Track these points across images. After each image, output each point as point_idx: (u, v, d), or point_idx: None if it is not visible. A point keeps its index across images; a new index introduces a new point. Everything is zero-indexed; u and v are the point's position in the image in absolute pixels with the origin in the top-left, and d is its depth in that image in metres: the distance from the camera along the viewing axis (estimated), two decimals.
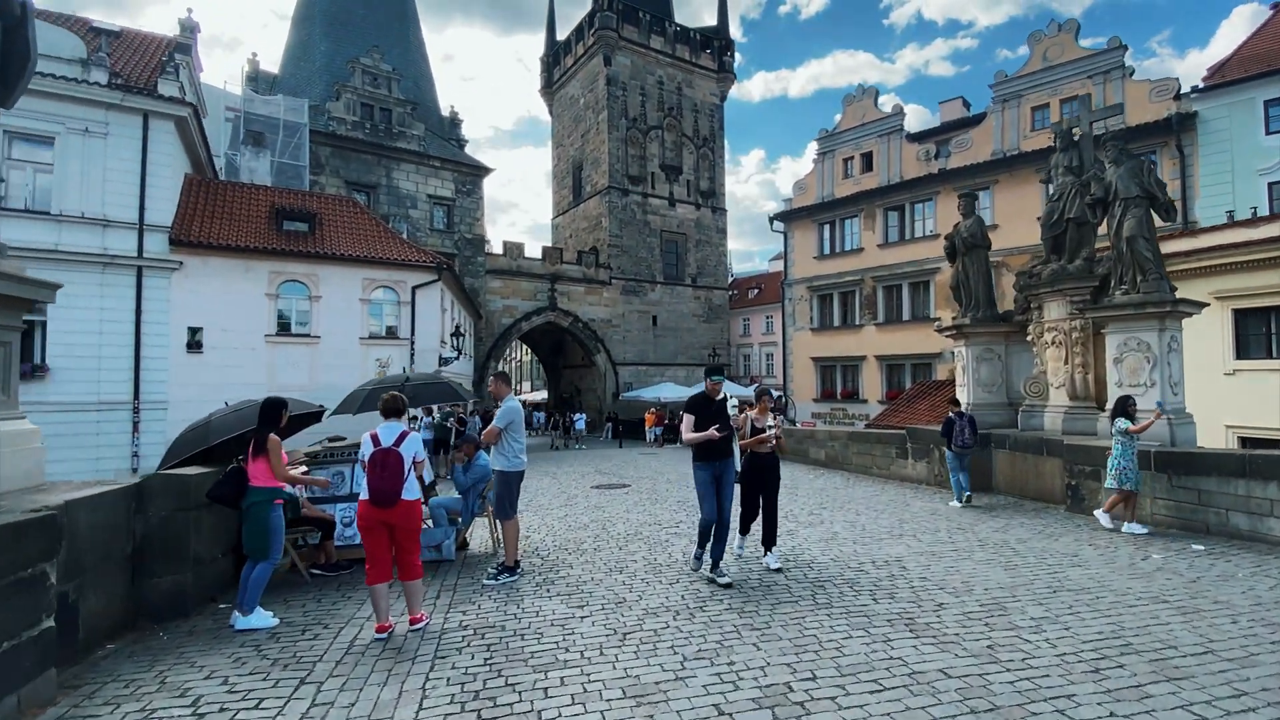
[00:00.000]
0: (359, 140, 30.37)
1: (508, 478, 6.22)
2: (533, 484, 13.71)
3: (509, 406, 6.25)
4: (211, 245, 17.75)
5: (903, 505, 10.13)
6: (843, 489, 12.00)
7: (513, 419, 6.20)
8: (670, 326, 39.79)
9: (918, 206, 24.92)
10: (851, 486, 12.37)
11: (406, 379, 7.38)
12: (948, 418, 10.29)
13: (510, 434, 6.20)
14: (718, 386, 6.12)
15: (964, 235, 12.09)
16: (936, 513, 9.41)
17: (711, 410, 6.00)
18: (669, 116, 39.62)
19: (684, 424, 6.10)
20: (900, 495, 11.16)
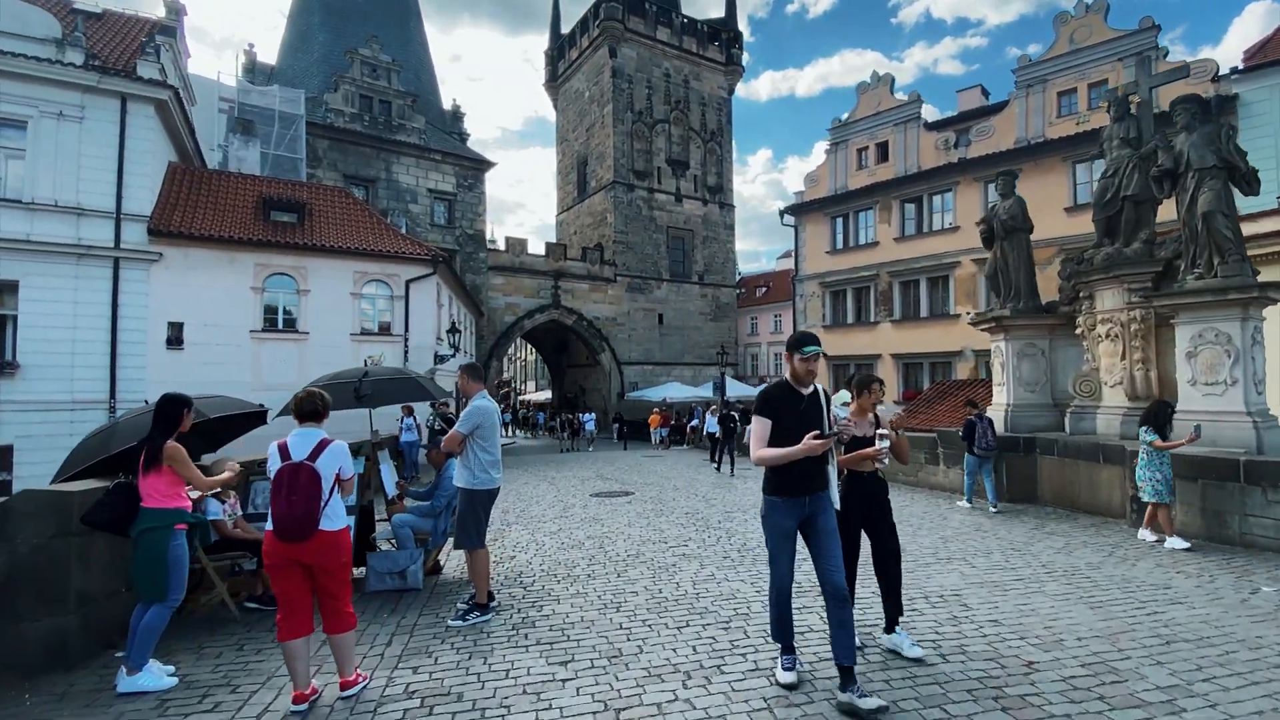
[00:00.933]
0: (357, 133, 29.32)
1: (473, 498, 5.05)
2: (528, 491, 12.54)
3: (475, 407, 5.07)
4: (193, 236, 16.65)
5: (940, 519, 8.89)
6: None
7: (479, 422, 5.02)
8: (676, 325, 38.57)
9: (936, 198, 23.61)
10: None
11: (365, 374, 6.19)
12: (969, 420, 9.69)
13: (477, 442, 5.02)
14: (812, 367, 3.68)
15: (1003, 218, 10.84)
16: (982, 529, 8.16)
17: (800, 409, 3.64)
18: (676, 110, 38.39)
19: (753, 433, 3.72)
20: (934, 506, 9.91)
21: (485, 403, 5.13)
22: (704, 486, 12.62)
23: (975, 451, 9.45)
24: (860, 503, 4.30)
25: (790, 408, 3.65)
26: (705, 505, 10.25)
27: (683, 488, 12.47)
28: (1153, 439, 7.17)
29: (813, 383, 3.73)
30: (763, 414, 3.68)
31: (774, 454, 3.57)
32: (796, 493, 3.64)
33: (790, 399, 3.69)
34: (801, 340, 3.73)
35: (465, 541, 5.07)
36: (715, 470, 16.04)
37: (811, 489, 3.65)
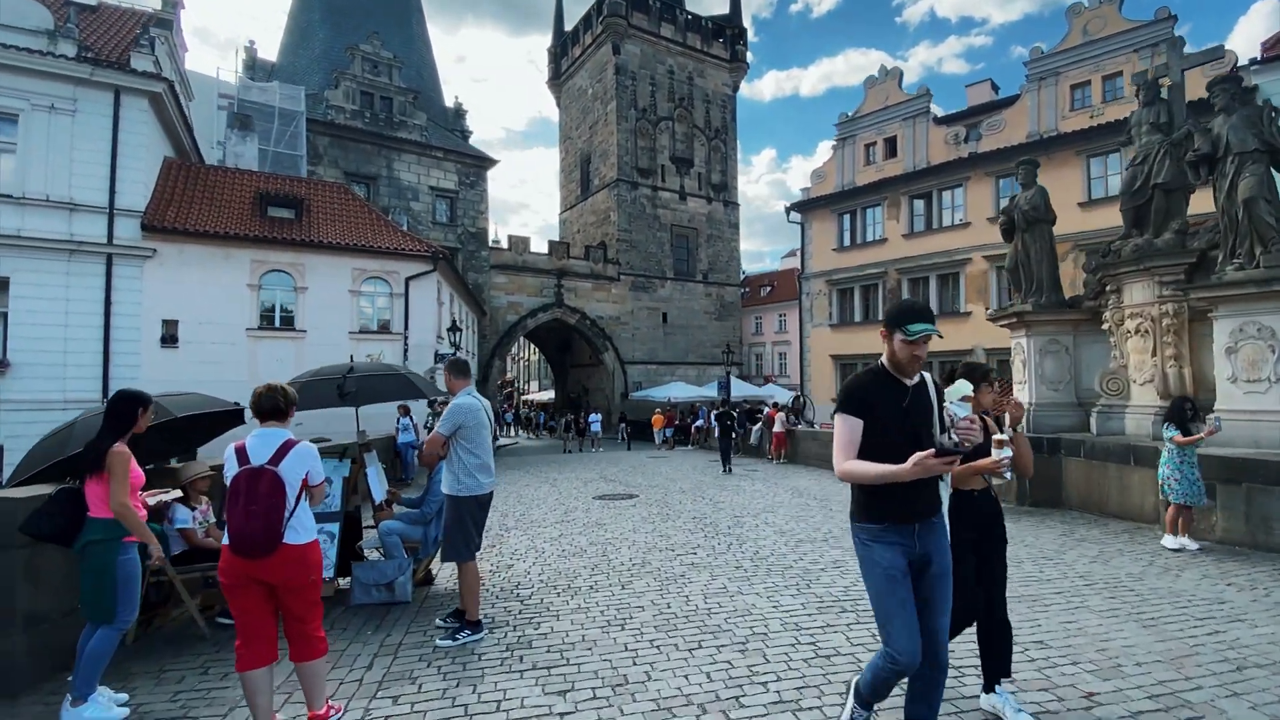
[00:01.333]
0: (358, 129, 28.92)
1: (460, 506, 4.58)
2: (529, 493, 12.09)
3: (456, 405, 4.61)
4: (188, 232, 16.26)
5: None
6: None
7: (461, 422, 4.55)
8: (681, 324, 38.10)
9: (945, 194, 23.09)
10: None
11: (350, 369, 5.73)
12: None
13: (461, 444, 4.56)
14: (920, 353, 2.64)
15: (1024, 208, 10.34)
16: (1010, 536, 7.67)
17: (904, 405, 2.66)
18: (680, 107, 37.92)
19: (837, 437, 2.69)
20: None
21: (469, 400, 4.67)
22: (711, 489, 12.15)
23: None
24: (971, 531, 3.25)
25: (890, 404, 2.63)
26: (713, 509, 9.78)
27: (689, 490, 12.00)
28: (1173, 434, 6.81)
29: (918, 372, 2.71)
30: (851, 411, 2.63)
31: (872, 471, 2.49)
32: (906, 518, 2.61)
33: (890, 392, 2.66)
34: (905, 314, 2.66)
35: (453, 554, 4.61)
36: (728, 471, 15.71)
37: (924, 513, 2.64)
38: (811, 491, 11.52)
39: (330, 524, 5.61)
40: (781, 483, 12.93)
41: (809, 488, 12.02)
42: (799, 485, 12.43)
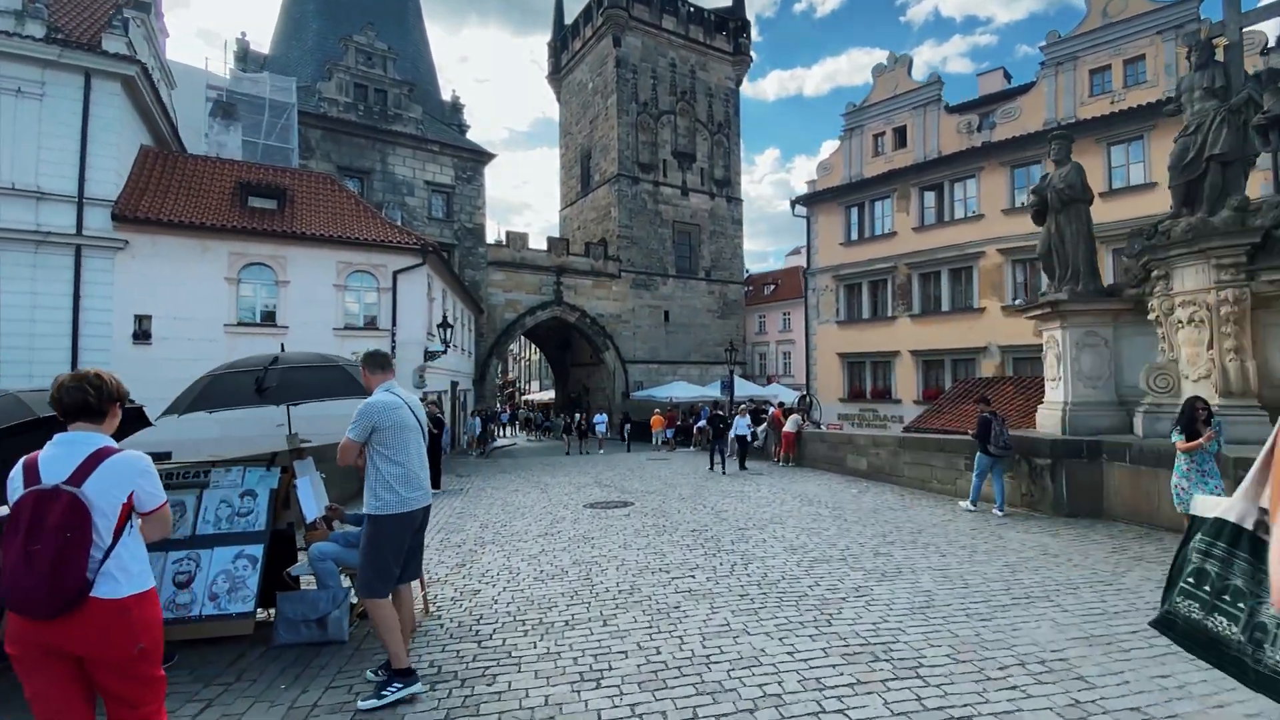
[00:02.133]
0: (351, 122, 28.03)
1: (377, 527, 3.64)
2: (516, 500, 11.10)
3: (370, 404, 3.70)
4: (162, 222, 15.33)
5: (995, 539, 7.38)
6: (901, 512, 9.26)
7: (374, 423, 3.62)
8: (683, 322, 37.12)
9: (958, 185, 22.06)
10: (910, 507, 9.62)
11: (275, 359, 4.76)
12: (983, 417, 9.05)
13: (379, 451, 3.63)
14: None
15: (1058, 186, 9.32)
16: (1048, 550, 6.66)
17: None
18: (682, 101, 36.94)
19: None
20: (982, 521, 8.41)
21: (385, 397, 3.72)
22: (712, 496, 11.15)
23: (991, 451, 8.80)
24: None
25: None
26: (714, 520, 8.78)
27: (689, 497, 11.00)
28: (1177, 439, 6.19)
29: None
30: None
31: None
32: None
33: None
34: None
35: (363, 587, 3.66)
36: (722, 472, 14.83)
37: None
38: (822, 499, 10.52)
39: (252, 546, 4.64)
40: (789, 488, 11.93)
41: (819, 495, 11.01)
42: (808, 492, 11.42)
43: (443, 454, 12.79)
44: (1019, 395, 18.12)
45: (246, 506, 4.74)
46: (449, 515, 9.62)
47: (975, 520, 8.48)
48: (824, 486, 12.04)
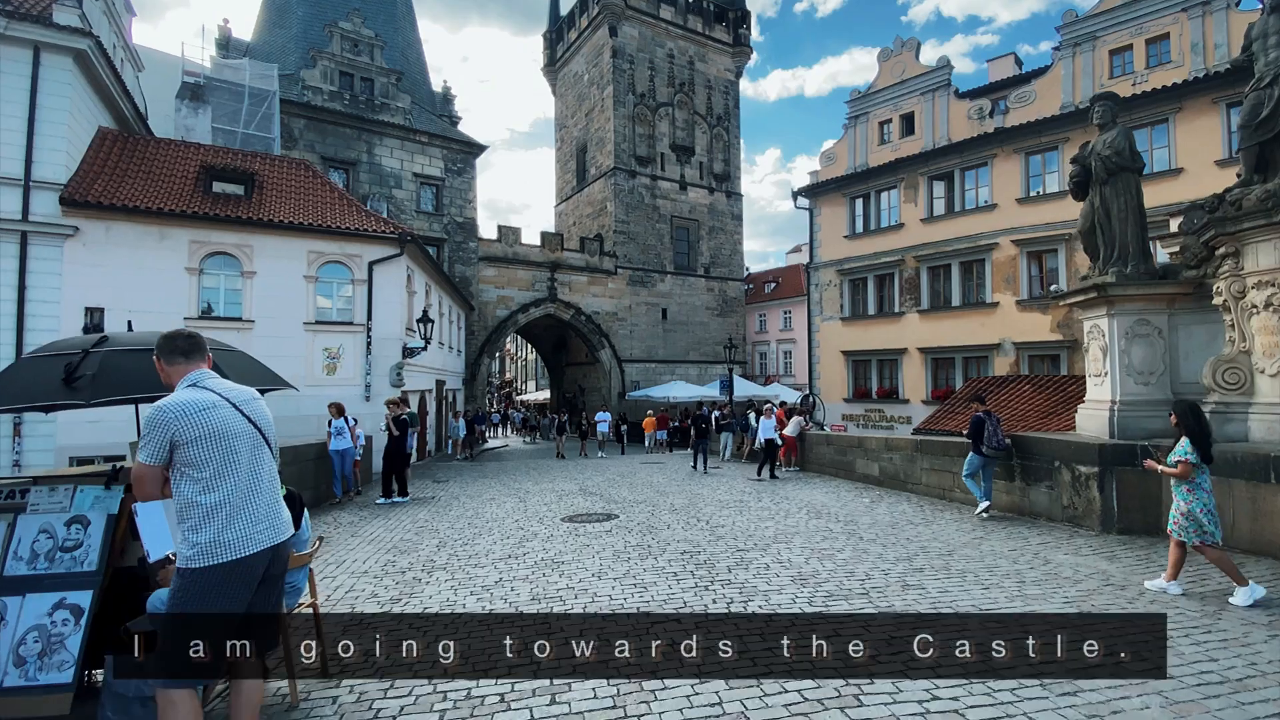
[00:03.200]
0: (336, 112, 26.83)
1: (186, 585, 2.43)
2: (488, 511, 9.86)
3: (164, 409, 2.50)
4: (115, 207, 14.09)
5: (1041, 562, 6.15)
6: (923, 528, 8.02)
7: (175, 437, 2.46)
8: (681, 320, 35.89)
9: (969, 174, 20.82)
10: (933, 521, 8.39)
11: (97, 341, 3.53)
12: (976, 417, 8.82)
13: (187, 475, 2.42)
14: None
15: (1104, 153, 8.08)
16: (1111, 580, 5.42)
17: None
18: (680, 93, 35.71)
19: None
20: (1020, 539, 7.17)
21: (187, 396, 2.52)
22: (708, 506, 9.91)
23: (984, 451, 8.53)
24: None
25: None
26: (710, 538, 7.54)
27: (682, 509, 9.75)
28: (1171, 460, 5.35)
29: None
30: None
31: None
32: None
33: None
34: None
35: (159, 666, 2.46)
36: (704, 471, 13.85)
37: None
38: (831, 511, 9.28)
39: (77, 592, 3.42)
40: (793, 497, 10.69)
41: (827, 505, 9.76)
42: (815, 501, 10.18)
43: (409, 459, 11.56)
44: (1037, 394, 16.89)
45: (74, 538, 3.52)
46: (408, 530, 8.39)
47: (1010, 537, 7.24)
48: (832, 495, 10.80)
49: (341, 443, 10.90)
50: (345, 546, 7.48)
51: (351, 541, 7.77)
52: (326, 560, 6.81)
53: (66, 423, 14.03)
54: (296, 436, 12.22)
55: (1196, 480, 5.08)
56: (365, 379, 16.66)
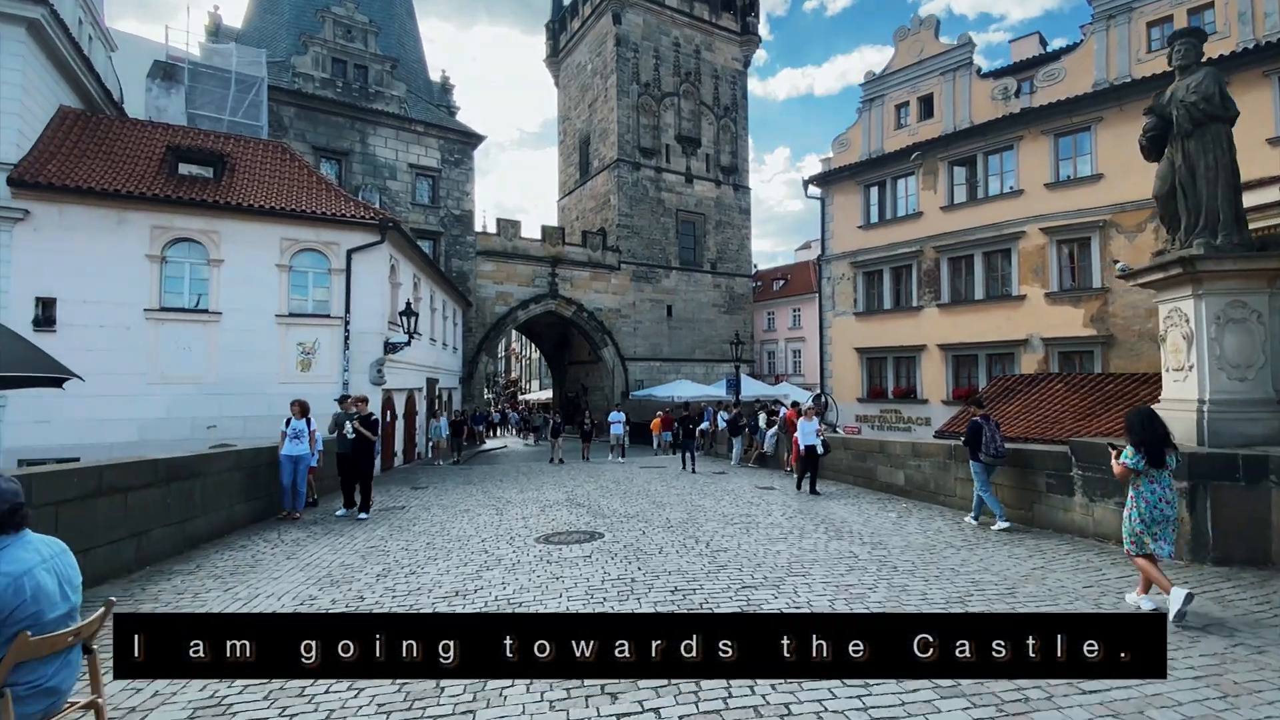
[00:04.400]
0: (328, 100, 25.59)
1: None
2: (455, 527, 8.49)
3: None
4: (69, 189, 12.84)
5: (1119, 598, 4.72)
6: (968, 553, 6.59)
7: None
8: (687, 317, 34.47)
9: (993, 158, 19.28)
10: (977, 544, 6.95)
11: None
12: (973, 422, 8.11)
13: None
14: None
15: (1189, 100, 6.63)
16: (1242, 639, 3.99)
17: None
18: (686, 82, 34.27)
19: None
20: (1093, 572, 5.74)
21: None
22: (710, 523, 8.50)
23: (982, 458, 7.87)
24: None
25: None
26: (709, 567, 6.14)
27: (679, 524, 8.35)
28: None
29: None
30: None
31: None
32: None
33: None
34: None
35: None
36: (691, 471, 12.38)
37: None
38: (853, 528, 7.86)
39: None
40: (809, 510, 9.27)
41: (848, 521, 8.34)
42: (834, 516, 8.76)
43: (374, 465, 10.13)
44: (1071, 394, 15.40)
45: None
46: (354, 553, 7.03)
47: (1078, 568, 5.81)
48: (853, 508, 9.37)
49: (298, 447, 9.29)
50: (269, 575, 6.14)
51: (281, 568, 6.42)
52: (236, 594, 5.47)
53: (14, 423, 12.84)
54: (269, 438, 10.89)
55: (1140, 487, 4.70)
56: (343, 376, 15.35)
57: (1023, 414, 15.47)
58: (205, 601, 5.31)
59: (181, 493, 7.41)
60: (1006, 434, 14.95)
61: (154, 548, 6.81)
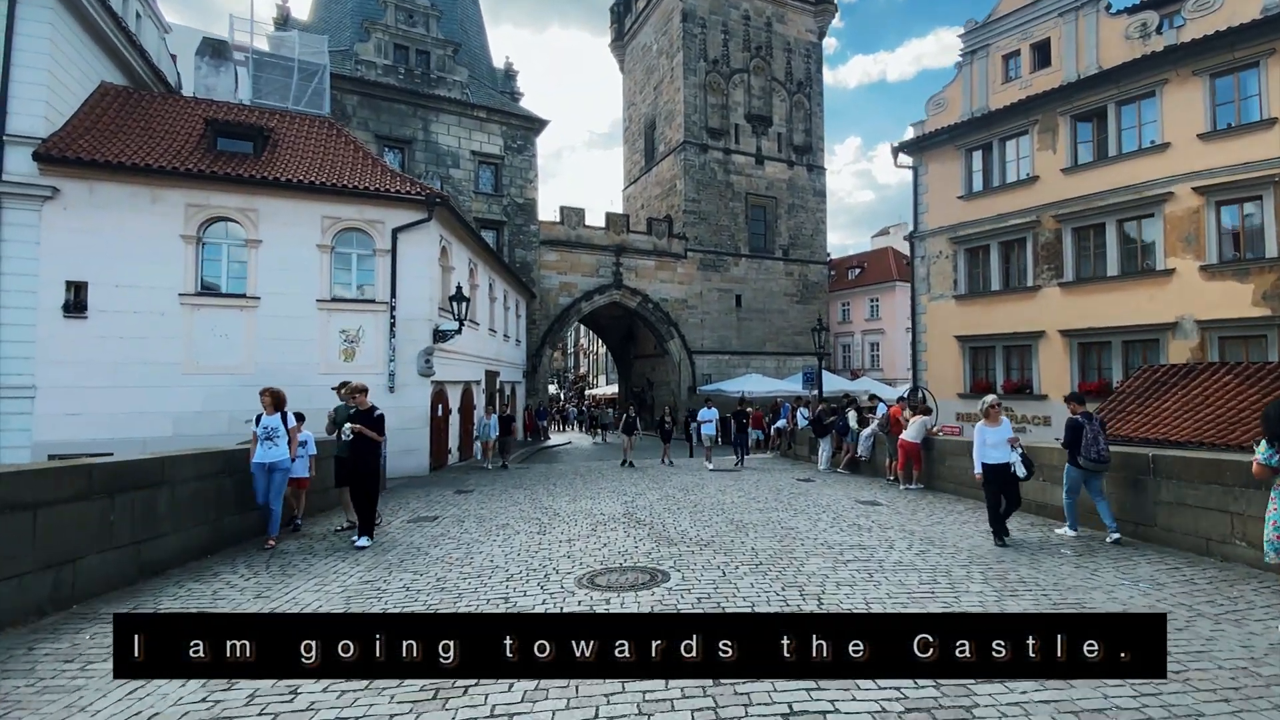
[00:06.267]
0: (391, 86, 24.46)
1: None
2: (481, 554, 6.48)
3: None
4: (98, 164, 11.70)
5: None
6: (1224, 633, 4.04)
7: None
8: (757, 308, 31.82)
9: (1128, 108, 15.91)
10: (1245, 615, 4.37)
11: None
12: (1072, 420, 6.75)
13: None
14: None
15: None
16: None
17: None
18: (756, 57, 31.55)
19: None
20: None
21: None
22: (815, 558, 6.16)
23: (1081, 463, 6.61)
24: None
25: None
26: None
27: (770, 560, 6.05)
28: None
29: None
30: None
31: None
32: None
33: None
34: None
35: None
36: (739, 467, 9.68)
37: None
38: (1024, 575, 5.38)
39: None
40: (936, 536, 6.80)
41: (1010, 562, 5.83)
42: (979, 548, 6.27)
43: (379, 474, 7.51)
44: (1246, 387, 12.16)
45: None
46: (338, 595, 5.11)
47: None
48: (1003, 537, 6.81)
49: (272, 452, 6.91)
50: None
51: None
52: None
53: (44, 415, 11.79)
54: (315, 433, 9.28)
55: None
56: (389, 366, 13.77)
57: (1185, 412, 12.29)
58: (91, 676, 3.46)
59: (135, 506, 5.69)
60: (1169, 437, 11.87)
61: (87, 580, 5.09)
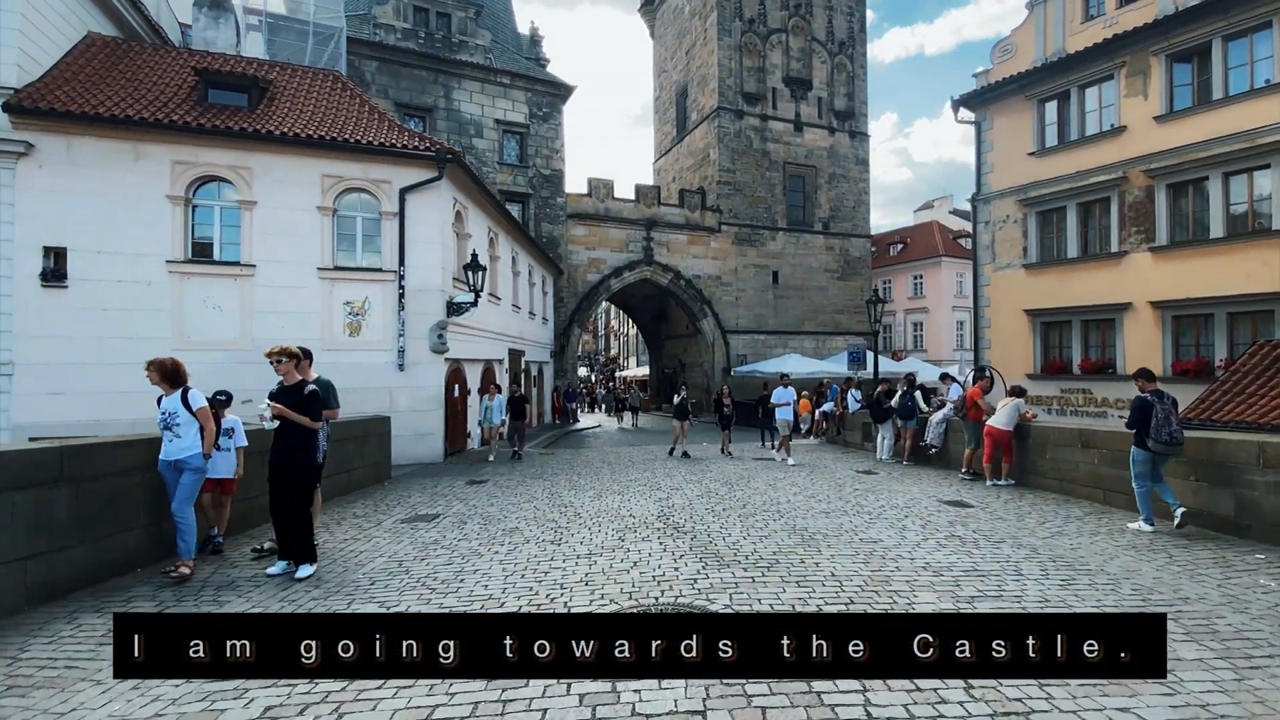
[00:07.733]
0: (411, 51, 22.91)
1: None
2: (475, 570, 4.91)
3: None
4: (73, 116, 10.35)
5: None
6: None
7: None
8: (795, 285, 29.76)
9: (1235, 44, 13.51)
10: None
11: None
12: (1141, 398, 6.04)
13: None
14: None
15: None
16: None
17: None
18: (795, 16, 29.16)
19: None
20: None
21: None
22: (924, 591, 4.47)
23: (1150, 445, 5.89)
24: None
25: None
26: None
27: (861, 594, 4.38)
28: None
29: None
30: None
31: None
32: None
33: None
34: None
35: None
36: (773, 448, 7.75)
37: None
38: (1212, 618, 3.60)
39: None
40: (1065, 552, 5.04)
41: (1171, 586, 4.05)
42: (1140, 579, 4.49)
43: (315, 476, 4.99)
44: None
45: None
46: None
47: None
48: (1147, 558, 5.02)
49: (174, 446, 4.97)
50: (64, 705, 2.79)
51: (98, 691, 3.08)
52: None
53: (24, 395, 10.61)
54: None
55: None
56: (398, 341, 12.32)
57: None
58: None
59: (30, 508, 4.26)
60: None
61: None
